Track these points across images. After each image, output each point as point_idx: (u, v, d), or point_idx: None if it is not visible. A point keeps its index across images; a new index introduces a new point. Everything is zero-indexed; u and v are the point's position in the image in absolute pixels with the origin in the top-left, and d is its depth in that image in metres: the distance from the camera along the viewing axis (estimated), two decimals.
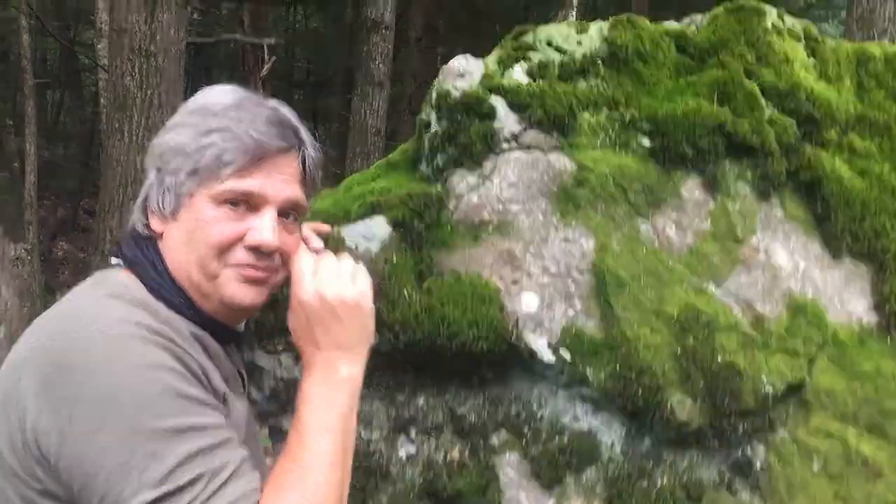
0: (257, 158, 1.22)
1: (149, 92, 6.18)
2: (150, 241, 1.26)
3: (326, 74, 16.97)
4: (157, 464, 1.04)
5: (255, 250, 1.22)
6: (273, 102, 1.30)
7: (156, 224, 1.26)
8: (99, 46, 9.91)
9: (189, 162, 1.22)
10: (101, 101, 9.86)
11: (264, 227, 1.22)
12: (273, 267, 1.25)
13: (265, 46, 7.67)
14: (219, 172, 1.20)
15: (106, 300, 1.18)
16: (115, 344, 1.10)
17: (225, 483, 1.07)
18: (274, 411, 1.88)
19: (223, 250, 1.21)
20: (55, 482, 1.09)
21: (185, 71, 6.85)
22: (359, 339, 1.23)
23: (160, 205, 1.24)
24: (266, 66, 7.63)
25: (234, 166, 1.20)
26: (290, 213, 1.27)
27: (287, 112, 1.29)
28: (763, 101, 2.05)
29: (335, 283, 1.22)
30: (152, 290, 1.22)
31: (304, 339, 1.22)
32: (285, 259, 1.27)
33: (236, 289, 1.22)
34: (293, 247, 1.28)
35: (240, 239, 1.21)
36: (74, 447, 1.06)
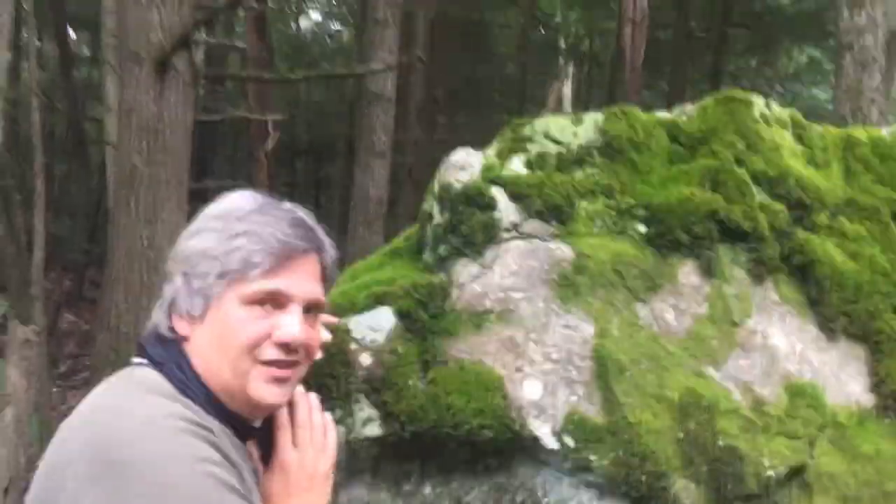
0: (284, 259, 1.28)
1: (156, 168, 6.31)
2: (174, 343, 1.30)
3: (328, 144, 17.26)
4: None
5: (284, 346, 1.27)
6: (289, 205, 1.36)
7: (182, 327, 1.30)
8: (107, 122, 10.13)
9: (217, 265, 1.26)
10: (108, 173, 10.03)
11: (292, 324, 1.27)
12: (298, 361, 1.32)
13: (269, 121, 7.84)
14: (247, 274, 1.26)
15: (144, 395, 1.22)
16: (165, 438, 1.14)
17: None
18: None
19: (253, 348, 1.26)
20: None
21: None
22: None
23: (189, 308, 1.28)
24: (270, 140, 7.79)
25: (262, 267, 1.26)
26: (311, 310, 1.33)
27: (305, 214, 1.36)
28: (754, 187, 2.12)
29: (312, 454, 1.37)
30: (178, 388, 1.26)
31: (282, 499, 1.33)
32: (310, 353, 1.34)
33: (264, 389, 1.27)
34: (316, 341, 1.35)
35: (268, 336, 1.27)
36: None
